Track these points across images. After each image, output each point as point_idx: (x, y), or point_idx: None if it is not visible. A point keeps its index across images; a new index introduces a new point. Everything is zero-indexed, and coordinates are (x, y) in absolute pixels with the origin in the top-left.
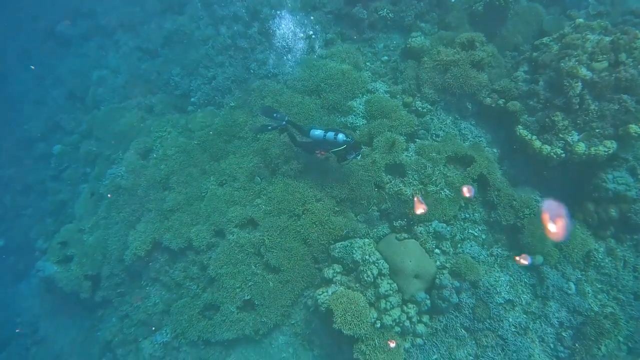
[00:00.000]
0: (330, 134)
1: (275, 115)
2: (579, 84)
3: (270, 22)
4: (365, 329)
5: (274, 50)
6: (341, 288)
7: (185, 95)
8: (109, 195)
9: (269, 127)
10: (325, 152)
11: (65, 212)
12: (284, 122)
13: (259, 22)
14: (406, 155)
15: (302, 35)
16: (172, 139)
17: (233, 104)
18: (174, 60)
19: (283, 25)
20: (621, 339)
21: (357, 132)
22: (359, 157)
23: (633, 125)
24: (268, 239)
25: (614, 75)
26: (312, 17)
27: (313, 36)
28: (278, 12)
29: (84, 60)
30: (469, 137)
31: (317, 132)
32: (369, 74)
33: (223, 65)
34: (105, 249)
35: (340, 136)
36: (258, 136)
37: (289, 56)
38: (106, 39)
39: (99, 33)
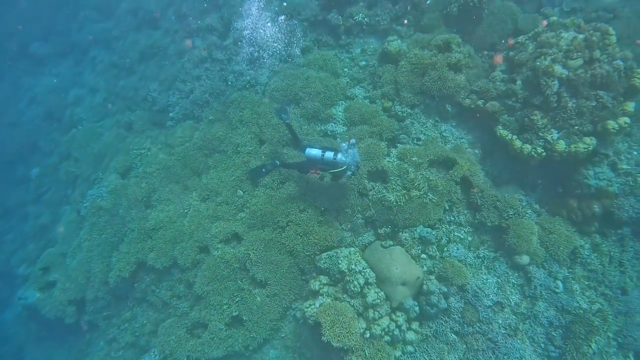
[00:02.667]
0: (329, 154)
1: (283, 115)
2: (556, 82)
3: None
4: (355, 339)
5: (247, 43)
6: (328, 300)
7: (163, 110)
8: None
9: (263, 170)
10: (320, 171)
11: (47, 236)
12: (288, 121)
13: (233, 32)
14: (388, 161)
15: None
16: (152, 156)
17: (212, 118)
18: (150, 75)
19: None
20: (611, 335)
21: (337, 139)
22: (353, 175)
23: (611, 121)
24: (253, 253)
25: (589, 72)
26: (285, 3)
27: (283, 20)
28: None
29: (60, 79)
30: (450, 139)
31: (314, 152)
32: (348, 80)
33: (200, 78)
34: (88, 272)
35: (340, 156)
36: (255, 183)
37: (264, 53)
38: (81, 56)
39: (73, 50)
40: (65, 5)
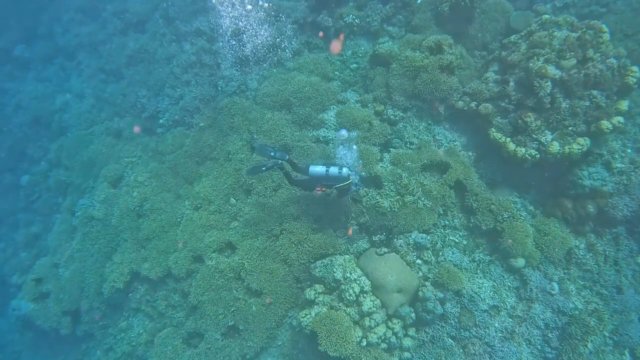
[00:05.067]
0: (334, 170)
1: (272, 154)
2: (549, 83)
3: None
4: (352, 348)
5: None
6: (324, 309)
7: (153, 117)
8: None
9: (263, 168)
10: (326, 188)
11: (39, 245)
12: (286, 159)
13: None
14: (381, 166)
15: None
16: (143, 164)
17: (202, 124)
18: (139, 81)
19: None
20: (607, 334)
21: (329, 145)
22: (360, 190)
23: (604, 121)
24: (247, 262)
25: (582, 72)
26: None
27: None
28: None
29: (46, 84)
30: (443, 142)
31: (318, 169)
32: (339, 83)
33: (189, 84)
34: (82, 283)
35: (345, 170)
36: (250, 177)
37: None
38: (67, 61)
39: (59, 55)
40: (48, 6)
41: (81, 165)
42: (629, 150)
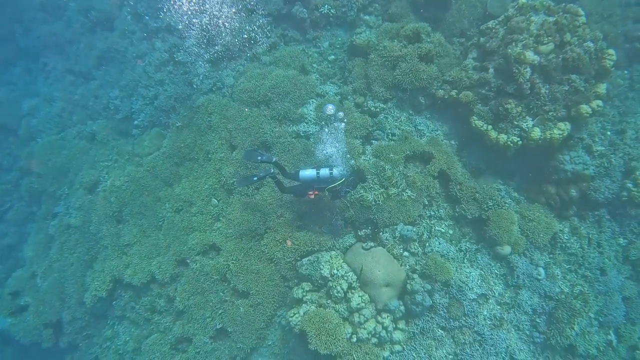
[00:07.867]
0: (325, 172)
1: (259, 158)
2: (528, 69)
3: None
4: (342, 345)
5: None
6: (312, 307)
7: (127, 118)
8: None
9: (255, 178)
10: (319, 191)
11: (14, 256)
12: (272, 161)
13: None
14: (364, 159)
15: None
16: (119, 168)
17: (179, 124)
18: (110, 81)
19: None
20: (592, 315)
21: (310, 139)
22: (354, 190)
23: (584, 106)
24: (233, 263)
25: (561, 56)
26: None
27: None
28: None
29: (10, 88)
30: (425, 132)
31: (309, 172)
32: (317, 76)
33: (163, 82)
34: (62, 293)
35: (336, 171)
36: (241, 187)
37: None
38: (32, 62)
39: (22, 56)
40: (6, 5)
41: (54, 171)
42: (609, 133)
